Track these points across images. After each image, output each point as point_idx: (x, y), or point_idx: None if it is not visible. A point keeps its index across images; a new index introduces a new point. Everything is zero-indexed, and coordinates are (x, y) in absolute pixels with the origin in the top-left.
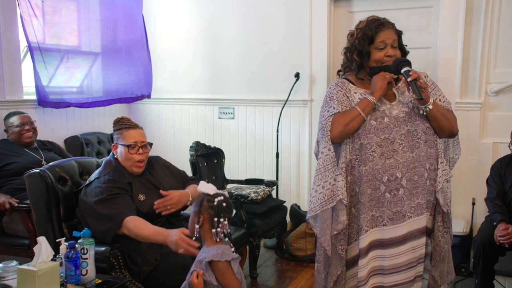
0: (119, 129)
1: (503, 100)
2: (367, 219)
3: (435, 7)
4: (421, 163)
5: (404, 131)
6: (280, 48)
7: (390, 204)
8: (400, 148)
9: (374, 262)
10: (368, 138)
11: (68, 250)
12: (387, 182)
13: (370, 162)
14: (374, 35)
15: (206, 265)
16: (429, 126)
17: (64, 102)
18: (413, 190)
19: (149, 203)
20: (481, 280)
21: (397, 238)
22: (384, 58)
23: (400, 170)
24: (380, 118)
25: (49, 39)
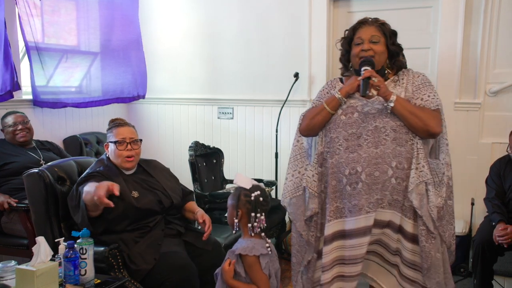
0: (110, 128)
1: (503, 100)
2: (332, 209)
3: (434, 7)
4: (386, 160)
5: (371, 127)
6: (279, 48)
7: (350, 197)
8: (365, 144)
9: (337, 252)
10: (337, 132)
11: (67, 250)
12: (348, 175)
13: (337, 155)
14: (353, 33)
15: (237, 257)
16: (401, 124)
17: (61, 102)
18: (373, 185)
19: (145, 200)
20: (480, 280)
21: (355, 230)
22: (360, 53)
23: (361, 164)
24: (350, 113)
25: (48, 38)
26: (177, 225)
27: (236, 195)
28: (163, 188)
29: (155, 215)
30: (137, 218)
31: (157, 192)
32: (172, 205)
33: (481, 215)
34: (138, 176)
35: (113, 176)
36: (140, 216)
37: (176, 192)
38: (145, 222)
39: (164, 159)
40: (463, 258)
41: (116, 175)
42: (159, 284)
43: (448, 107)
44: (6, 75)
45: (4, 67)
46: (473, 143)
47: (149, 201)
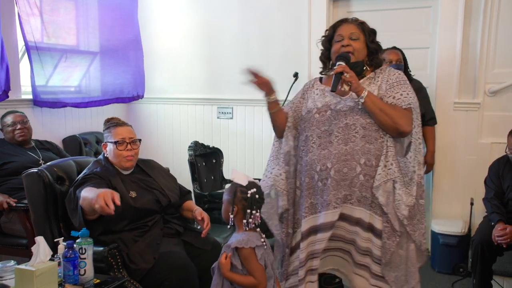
0: (107, 128)
1: (502, 100)
2: (306, 205)
3: (434, 7)
4: (354, 157)
5: (342, 124)
6: (279, 48)
7: (322, 192)
8: (336, 140)
9: (310, 247)
10: (311, 130)
11: (66, 250)
12: (319, 172)
13: (310, 153)
14: (333, 32)
15: (233, 250)
16: (371, 122)
17: (60, 102)
18: (341, 182)
19: (142, 200)
20: (479, 280)
21: (323, 224)
22: (341, 49)
23: (330, 161)
24: (323, 111)
25: (47, 38)
26: (176, 225)
27: (232, 191)
28: (160, 187)
29: (153, 214)
30: (136, 218)
31: (154, 191)
32: (170, 204)
33: (480, 215)
34: (136, 176)
35: (110, 177)
36: (138, 216)
37: (174, 191)
38: (144, 221)
39: (163, 159)
40: (462, 258)
41: (114, 176)
42: (158, 284)
43: (448, 107)
44: (2, 75)
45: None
46: (472, 143)
47: (147, 200)
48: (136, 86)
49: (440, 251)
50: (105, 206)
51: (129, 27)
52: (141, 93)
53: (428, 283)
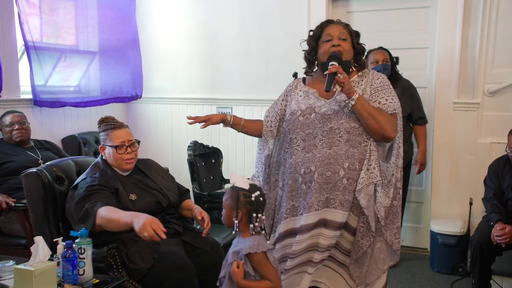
0: (104, 130)
1: (501, 100)
2: (288, 207)
3: (433, 7)
4: (338, 161)
5: (327, 128)
6: (278, 48)
7: (305, 195)
8: (320, 144)
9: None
10: (295, 133)
11: (65, 249)
12: (303, 174)
13: (294, 155)
14: (321, 31)
15: (244, 257)
16: (355, 127)
17: (60, 102)
18: (324, 185)
19: (142, 202)
20: (478, 280)
21: (303, 226)
22: (331, 48)
23: (314, 164)
24: (307, 114)
25: (46, 38)
26: (175, 225)
27: (235, 195)
28: (159, 188)
29: (153, 215)
30: None
31: (154, 192)
32: (170, 204)
33: (480, 215)
34: (135, 177)
35: (110, 181)
36: None
37: (173, 191)
38: None
39: (163, 158)
40: (461, 258)
41: (113, 179)
42: (158, 284)
43: (447, 107)
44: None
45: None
46: (471, 143)
47: (147, 202)
48: (135, 86)
49: (439, 251)
50: (155, 234)
51: (128, 27)
52: (139, 93)
53: (427, 283)
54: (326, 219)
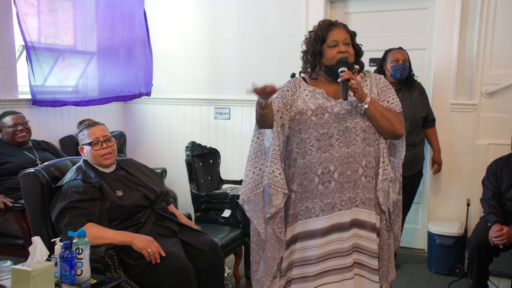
0: (80, 131)
1: (498, 101)
2: (302, 208)
3: (430, 9)
4: (356, 159)
5: (342, 128)
6: (276, 49)
7: (322, 196)
8: (337, 143)
9: (301, 253)
10: (308, 133)
11: (63, 250)
12: (321, 175)
13: (308, 155)
14: (326, 35)
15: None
16: (370, 125)
17: (60, 101)
18: (345, 184)
19: (130, 198)
20: (476, 281)
21: (326, 228)
22: (338, 55)
23: (333, 163)
24: (320, 114)
25: (44, 38)
26: (171, 223)
27: None
28: (144, 183)
29: (144, 209)
30: (126, 216)
31: (140, 188)
32: (158, 197)
33: (477, 216)
34: (119, 173)
35: (93, 182)
36: (129, 214)
37: (157, 184)
38: (136, 218)
39: (160, 159)
40: (458, 258)
41: (97, 179)
42: (156, 285)
43: (444, 108)
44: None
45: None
46: (469, 144)
47: (135, 198)
48: (139, 85)
49: (437, 252)
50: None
51: (132, 25)
52: (144, 91)
53: (425, 284)
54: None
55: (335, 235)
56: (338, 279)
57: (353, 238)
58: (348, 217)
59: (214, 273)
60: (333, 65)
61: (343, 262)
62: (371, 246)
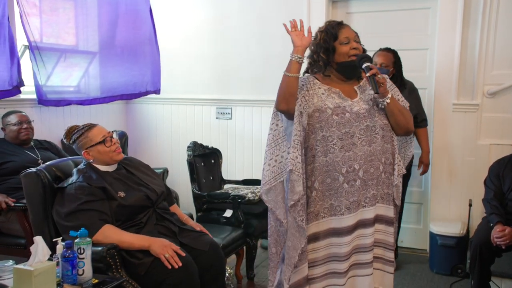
0: (79, 137)
1: (500, 101)
2: (325, 206)
3: (432, 9)
4: (377, 157)
5: (363, 126)
6: (278, 48)
7: (347, 194)
8: (359, 142)
9: (329, 249)
10: (330, 131)
11: (64, 249)
12: (346, 173)
13: (331, 153)
14: (337, 32)
15: None
16: (387, 123)
17: (65, 100)
18: (369, 181)
19: (132, 198)
20: (478, 281)
21: (352, 226)
22: (350, 51)
23: (358, 162)
24: (341, 113)
25: (46, 38)
26: (171, 224)
27: None
28: (145, 183)
29: (146, 209)
30: (128, 217)
31: (141, 188)
32: (159, 197)
33: (479, 217)
34: (120, 173)
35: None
36: (131, 214)
37: (159, 184)
38: (138, 219)
39: (162, 159)
40: (460, 259)
41: (99, 181)
42: (160, 283)
43: (446, 108)
44: (14, 70)
45: (11, 62)
46: (471, 144)
47: (137, 198)
48: (146, 83)
49: (439, 252)
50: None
51: (137, 23)
52: (152, 89)
53: (426, 284)
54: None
55: (359, 231)
56: (360, 274)
57: (375, 233)
58: (372, 213)
59: (215, 273)
60: (346, 61)
61: (364, 258)
62: (388, 239)
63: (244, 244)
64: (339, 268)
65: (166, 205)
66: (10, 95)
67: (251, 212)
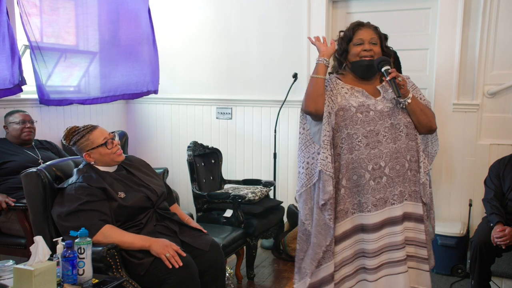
0: (80, 139)
1: (500, 101)
2: (354, 203)
3: (433, 9)
4: (403, 154)
5: (387, 124)
6: (278, 49)
7: (374, 191)
8: (384, 140)
9: (358, 245)
10: (355, 129)
11: (65, 249)
12: (372, 171)
13: (356, 151)
14: (352, 34)
15: None
16: (411, 121)
17: (66, 100)
18: (396, 178)
19: (132, 199)
20: (478, 281)
21: (379, 223)
22: (362, 52)
23: (383, 159)
24: (366, 112)
25: (46, 38)
26: (171, 223)
27: None
28: (146, 184)
29: (146, 210)
30: (129, 217)
31: (142, 189)
32: (159, 198)
33: (479, 217)
34: (120, 173)
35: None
36: (131, 215)
37: (159, 184)
38: (138, 219)
39: (162, 159)
40: (461, 259)
41: (99, 181)
42: (161, 282)
43: (446, 108)
44: (15, 68)
45: (11, 60)
46: (471, 144)
47: (137, 198)
48: (146, 82)
49: (439, 252)
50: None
51: (137, 22)
52: (152, 88)
53: None
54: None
55: (388, 229)
56: (393, 272)
57: (405, 231)
58: (400, 210)
59: (215, 273)
60: (356, 61)
61: (397, 256)
62: (419, 237)
63: (244, 244)
64: (368, 264)
65: (167, 205)
66: (11, 93)
67: (251, 212)
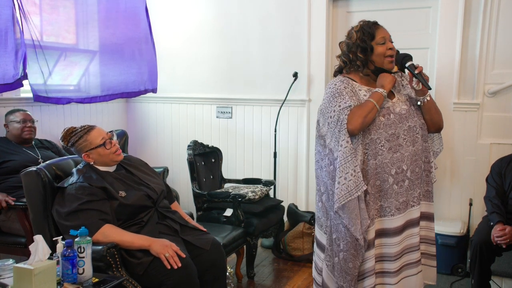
0: (78, 139)
1: (501, 101)
2: (376, 208)
3: (433, 8)
4: (419, 156)
5: (406, 127)
6: (279, 48)
7: (397, 195)
8: (404, 143)
9: (379, 250)
10: (378, 133)
11: (65, 248)
12: (395, 175)
13: (380, 156)
14: (374, 32)
15: None
16: (424, 123)
17: (65, 98)
18: (416, 181)
19: (133, 198)
20: (478, 281)
21: (400, 227)
22: (387, 51)
23: (405, 163)
24: (387, 115)
25: (46, 37)
26: (172, 222)
27: None
28: (145, 182)
29: (147, 209)
30: (130, 216)
31: (142, 188)
32: (159, 196)
33: (479, 216)
34: (120, 173)
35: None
36: (132, 214)
37: (158, 182)
38: (139, 218)
39: (162, 158)
40: (461, 258)
41: (99, 181)
42: (159, 283)
43: (447, 107)
44: (17, 63)
45: (14, 55)
46: (471, 143)
47: (138, 197)
48: (144, 81)
49: (439, 252)
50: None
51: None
52: (150, 87)
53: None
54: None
55: (408, 231)
56: (411, 274)
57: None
58: (418, 211)
59: (216, 272)
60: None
61: (414, 257)
62: (430, 234)
63: (244, 243)
64: (390, 268)
65: (167, 203)
66: (11, 88)
67: (251, 211)
